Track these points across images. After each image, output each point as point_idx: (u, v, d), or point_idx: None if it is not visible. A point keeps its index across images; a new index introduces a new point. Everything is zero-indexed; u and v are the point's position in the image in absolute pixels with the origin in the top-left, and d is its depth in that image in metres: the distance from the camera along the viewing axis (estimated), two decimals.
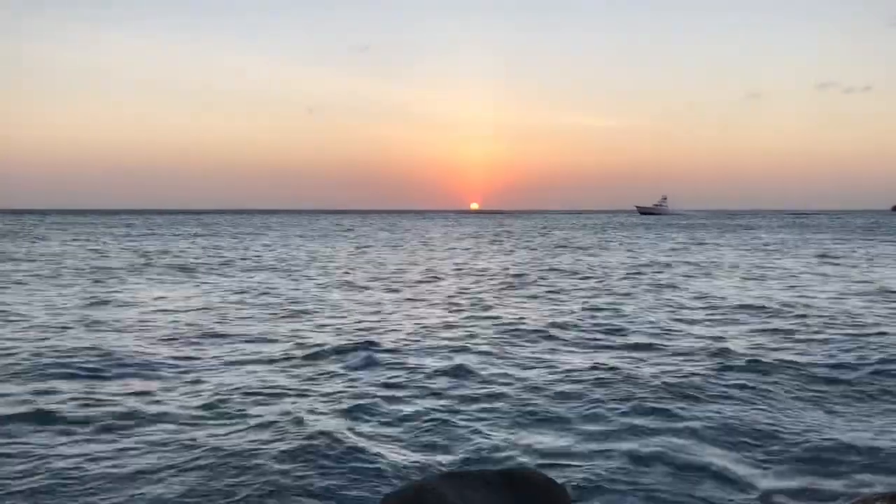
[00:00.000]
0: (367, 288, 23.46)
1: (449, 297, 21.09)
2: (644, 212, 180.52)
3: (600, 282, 25.34)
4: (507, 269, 31.41)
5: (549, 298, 20.89)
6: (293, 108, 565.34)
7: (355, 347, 12.90)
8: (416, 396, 9.86)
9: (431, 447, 7.90)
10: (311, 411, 9.04)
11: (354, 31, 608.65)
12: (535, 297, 21.36)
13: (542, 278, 27.04)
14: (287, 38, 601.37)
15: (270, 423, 8.53)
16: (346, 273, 29.00)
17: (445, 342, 13.65)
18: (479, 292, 22.14)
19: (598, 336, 14.48)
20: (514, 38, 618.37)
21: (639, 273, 28.77)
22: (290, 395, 9.87)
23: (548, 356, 12.55)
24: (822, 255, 37.63)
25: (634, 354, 12.63)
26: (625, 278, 26.61)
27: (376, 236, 68.28)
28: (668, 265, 32.57)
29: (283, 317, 17.10)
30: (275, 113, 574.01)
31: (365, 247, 49.55)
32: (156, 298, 20.37)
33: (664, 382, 10.30)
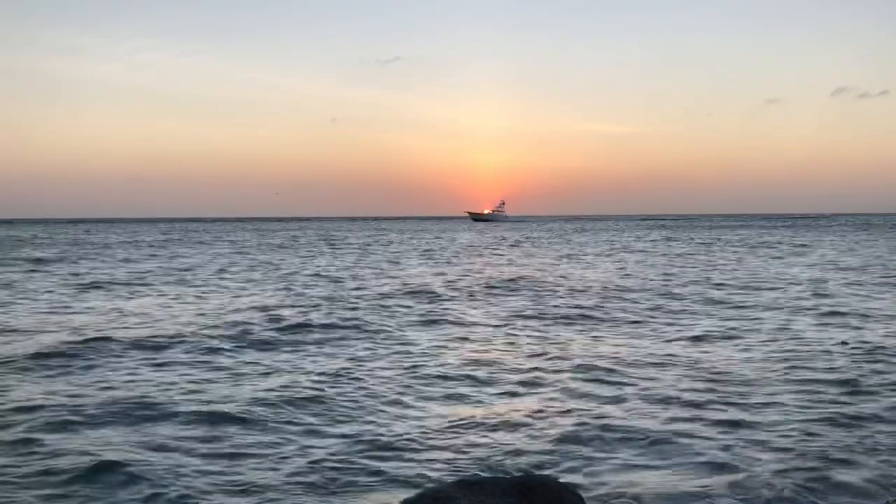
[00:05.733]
0: None
1: None
2: (477, 218, 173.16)
3: None
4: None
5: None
6: (317, 118, 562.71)
7: None
8: None
9: None
10: None
11: (383, 45, 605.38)
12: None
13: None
14: (316, 52, 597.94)
15: None
16: None
17: None
18: None
19: None
20: (533, 47, 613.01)
21: None
22: None
23: None
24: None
25: None
26: None
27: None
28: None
29: None
30: (300, 124, 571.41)
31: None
32: None
33: None
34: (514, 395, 10.53)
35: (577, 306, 20.15)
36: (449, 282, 28.17)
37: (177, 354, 13.45)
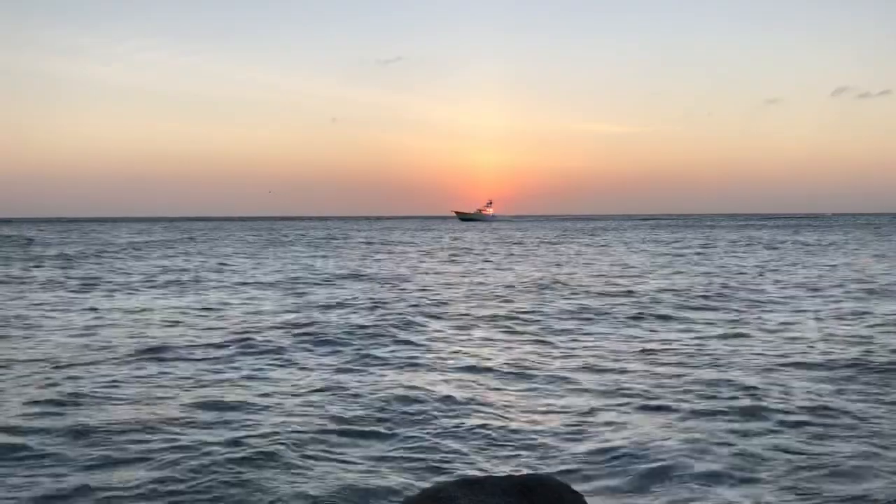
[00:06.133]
0: None
1: None
2: (464, 218, 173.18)
3: None
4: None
5: None
6: (317, 118, 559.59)
7: None
8: None
9: None
10: None
11: (383, 45, 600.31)
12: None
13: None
14: (316, 52, 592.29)
15: None
16: None
17: None
18: None
19: None
20: (533, 47, 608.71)
21: None
22: None
23: None
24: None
25: None
26: None
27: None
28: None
29: None
30: (300, 124, 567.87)
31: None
32: None
33: None
34: (515, 393, 10.56)
35: (578, 305, 20.18)
36: (450, 281, 28.23)
37: (180, 353, 13.49)
